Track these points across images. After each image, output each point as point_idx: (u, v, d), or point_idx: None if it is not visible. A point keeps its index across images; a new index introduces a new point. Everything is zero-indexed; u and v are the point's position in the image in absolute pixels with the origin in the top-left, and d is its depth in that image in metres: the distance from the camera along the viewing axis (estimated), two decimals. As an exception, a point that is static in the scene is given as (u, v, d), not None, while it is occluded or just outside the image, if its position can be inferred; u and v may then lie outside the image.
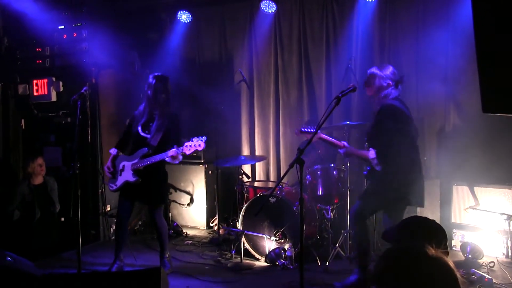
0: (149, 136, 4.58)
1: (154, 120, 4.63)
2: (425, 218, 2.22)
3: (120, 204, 4.78)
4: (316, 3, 6.41)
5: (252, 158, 6.20)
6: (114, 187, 4.71)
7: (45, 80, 6.22)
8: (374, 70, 4.08)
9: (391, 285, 1.34)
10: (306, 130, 4.10)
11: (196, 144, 4.31)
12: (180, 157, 4.51)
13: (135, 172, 4.56)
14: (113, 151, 4.80)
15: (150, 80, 4.63)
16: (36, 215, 5.50)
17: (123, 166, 4.66)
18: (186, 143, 4.33)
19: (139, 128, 4.64)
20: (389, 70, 4.02)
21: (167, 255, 4.84)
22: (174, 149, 4.36)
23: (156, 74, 4.68)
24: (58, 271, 4.84)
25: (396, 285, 1.33)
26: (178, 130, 4.70)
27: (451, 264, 1.34)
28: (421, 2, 5.85)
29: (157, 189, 4.72)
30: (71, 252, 5.27)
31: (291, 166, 3.05)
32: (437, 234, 2.07)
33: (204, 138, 4.36)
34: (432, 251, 1.35)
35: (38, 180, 5.64)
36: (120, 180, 4.66)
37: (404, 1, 5.96)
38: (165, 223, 4.88)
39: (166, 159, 4.45)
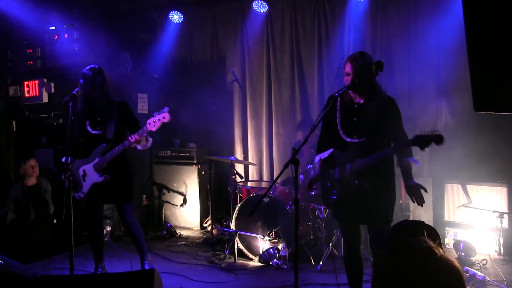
0: (101, 131, 4.27)
1: (101, 114, 4.30)
2: (416, 221, 2.22)
3: (88, 211, 4.47)
4: (308, 2, 6.43)
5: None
6: (82, 195, 4.33)
7: (36, 82, 6.18)
8: None
9: (395, 282, 1.32)
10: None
11: (160, 117, 4.02)
12: (150, 139, 4.25)
13: (100, 171, 4.24)
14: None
15: (87, 73, 4.25)
16: (31, 216, 5.47)
17: (84, 171, 4.30)
18: (149, 120, 4.03)
19: (88, 127, 4.30)
20: None
21: (148, 260, 4.51)
22: (132, 135, 4.09)
23: (90, 66, 4.32)
24: (51, 273, 4.81)
25: (401, 283, 1.31)
26: (131, 115, 4.40)
27: (459, 266, 1.32)
28: (412, 1, 5.87)
29: (123, 185, 4.37)
30: (64, 254, 5.24)
31: (285, 166, 3.01)
32: (432, 233, 2.07)
33: (166, 108, 4.07)
34: (440, 251, 1.33)
35: (32, 181, 5.61)
36: (86, 186, 4.30)
37: (396, 1, 5.98)
38: (139, 226, 4.49)
39: (138, 147, 4.21)
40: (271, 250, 4.93)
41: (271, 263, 4.89)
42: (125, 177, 4.40)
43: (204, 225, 6.64)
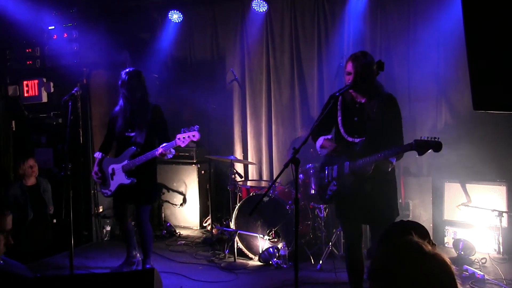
0: (133, 134, 4.40)
1: (136, 117, 4.42)
2: (406, 220, 2.22)
3: (115, 209, 4.67)
4: (308, 2, 6.41)
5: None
6: (109, 193, 4.53)
7: (36, 81, 6.17)
8: None
9: (387, 281, 1.33)
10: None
11: (190, 135, 4.12)
12: (173, 151, 4.31)
13: (128, 173, 4.40)
14: (98, 155, 4.61)
15: (123, 77, 4.39)
16: (29, 217, 5.46)
17: (113, 169, 4.48)
18: (179, 135, 4.13)
19: (122, 128, 4.47)
20: None
21: (150, 264, 4.57)
22: (160, 148, 4.19)
23: (128, 70, 4.45)
24: (51, 273, 4.81)
25: (393, 282, 1.32)
26: (163, 123, 4.49)
27: (448, 260, 1.34)
28: (411, 1, 5.87)
29: (147, 188, 4.51)
30: (64, 254, 5.24)
31: (286, 166, 3.01)
32: (421, 231, 2.07)
33: (196, 127, 4.16)
34: (428, 247, 1.35)
35: (31, 181, 5.61)
36: (114, 185, 4.48)
37: (395, 0, 5.97)
38: (151, 228, 4.67)
39: (158, 155, 4.27)
40: (270, 249, 4.93)
41: (270, 262, 4.89)
42: (150, 182, 4.57)
43: (204, 225, 6.64)
